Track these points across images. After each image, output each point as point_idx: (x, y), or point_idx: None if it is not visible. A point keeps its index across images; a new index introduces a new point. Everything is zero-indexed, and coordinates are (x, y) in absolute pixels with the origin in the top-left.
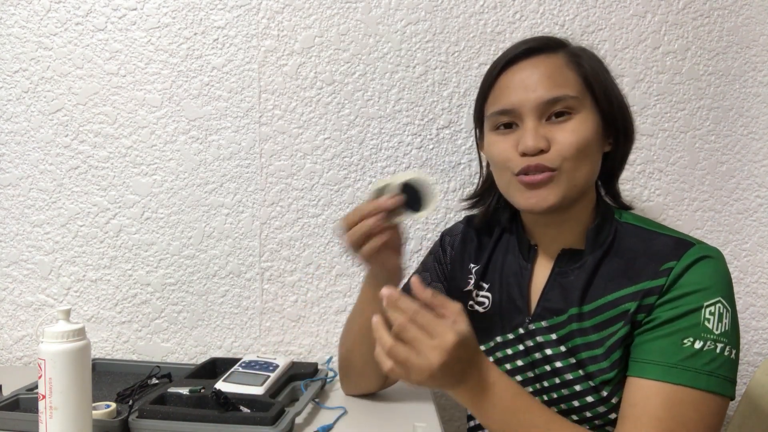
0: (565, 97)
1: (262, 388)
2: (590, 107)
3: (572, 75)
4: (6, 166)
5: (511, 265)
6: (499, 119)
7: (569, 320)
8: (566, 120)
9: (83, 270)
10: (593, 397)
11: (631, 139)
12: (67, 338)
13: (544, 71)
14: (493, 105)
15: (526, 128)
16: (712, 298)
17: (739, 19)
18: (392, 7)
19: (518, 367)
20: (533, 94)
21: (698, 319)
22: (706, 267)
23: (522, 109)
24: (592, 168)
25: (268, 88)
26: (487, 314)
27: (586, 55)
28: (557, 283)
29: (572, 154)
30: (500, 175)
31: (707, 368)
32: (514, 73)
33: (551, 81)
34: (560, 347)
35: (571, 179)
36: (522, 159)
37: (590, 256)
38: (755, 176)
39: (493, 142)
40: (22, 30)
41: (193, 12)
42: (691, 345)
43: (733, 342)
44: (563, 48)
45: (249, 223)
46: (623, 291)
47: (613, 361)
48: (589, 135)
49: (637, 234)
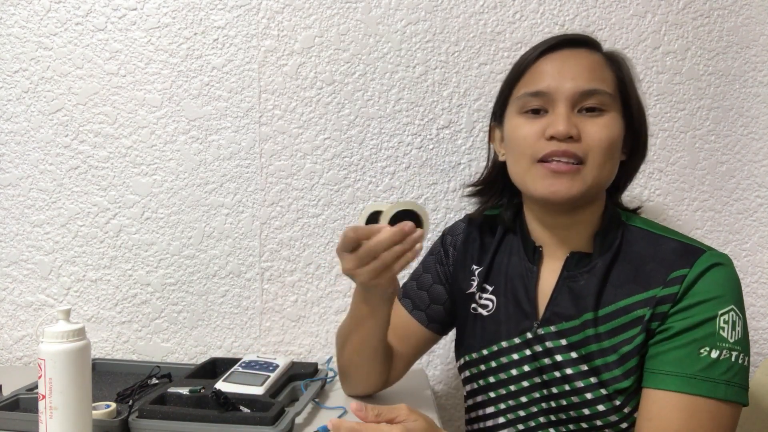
0: (602, 91)
1: (262, 388)
2: (619, 111)
3: (610, 75)
4: (6, 166)
5: (516, 267)
6: (530, 101)
7: (584, 326)
8: (598, 115)
9: (83, 270)
10: (605, 405)
11: (644, 153)
12: (67, 338)
13: (586, 63)
14: (526, 86)
15: (558, 113)
16: (726, 307)
17: (739, 19)
18: (392, 7)
19: (525, 372)
20: (571, 82)
21: (713, 328)
22: (717, 275)
23: (557, 95)
24: (614, 169)
25: (268, 88)
26: (491, 317)
27: (623, 61)
28: (566, 287)
29: (601, 149)
30: (518, 161)
31: (724, 377)
32: (554, 59)
33: (591, 74)
34: (571, 353)
35: (597, 175)
36: (548, 144)
37: (599, 259)
38: (755, 176)
39: (519, 125)
40: (22, 30)
41: (193, 12)
42: (707, 355)
43: (746, 350)
44: (601, 49)
45: (249, 223)
46: (635, 297)
47: (627, 369)
48: (617, 136)
49: (645, 238)
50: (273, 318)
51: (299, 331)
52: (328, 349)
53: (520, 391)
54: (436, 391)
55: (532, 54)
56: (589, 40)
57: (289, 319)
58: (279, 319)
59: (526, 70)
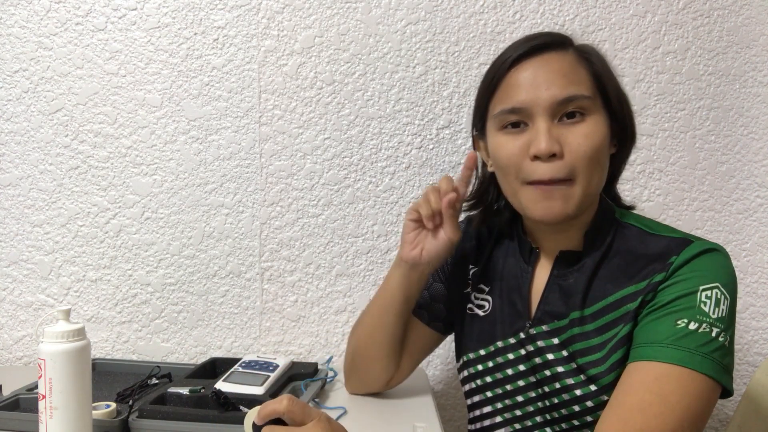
0: (580, 96)
1: (262, 388)
2: (601, 108)
3: (584, 73)
4: (6, 166)
5: (511, 268)
6: (507, 118)
7: (570, 324)
8: (579, 122)
9: (83, 270)
10: (594, 402)
11: (634, 140)
12: (67, 338)
13: (558, 69)
14: (501, 103)
15: (539, 129)
16: (709, 283)
17: (739, 19)
18: (392, 7)
19: (520, 372)
20: (546, 93)
21: (694, 301)
22: (706, 258)
23: (534, 108)
24: (604, 173)
25: (268, 88)
26: (487, 318)
27: (594, 53)
28: (557, 286)
29: (588, 161)
30: (507, 181)
31: (702, 350)
32: (524, 70)
33: (565, 79)
34: (562, 352)
35: (587, 187)
36: (533, 165)
37: (589, 258)
38: (755, 176)
39: (501, 144)
40: (22, 30)
41: (193, 12)
42: (684, 326)
43: (729, 330)
44: (571, 45)
45: (249, 223)
46: (624, 291)
47: (611, 363)
48: (602, 140)
49: (638, 236)
50: (273, 318)
51: (299, 331)
52: (328, 349)
53: (516, 391)
54: (436, 391)
55: (503, 66)
56: (556, 40)
57: (289, 319)
58: (279, 319)
59: (499, 84)
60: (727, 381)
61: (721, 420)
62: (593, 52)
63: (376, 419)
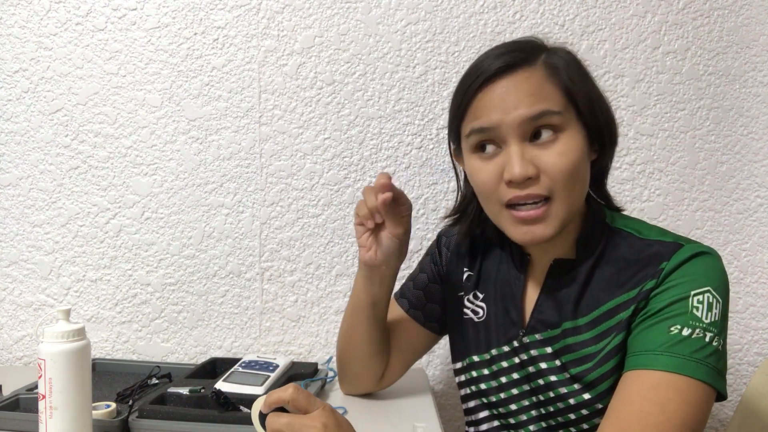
0: (548, 111)
1: (262, 388)
2: (575, 120)
3: (553, 89)
4: (6, 166)
5: (504, 275)
6: (479, 138)
7: (563, 334)
8: (553, 140)
9: (83, 270)
10: (589, 410)
11: (616, 141)
12: (67, 338)
13: (525, 89)
14: (472, 123)
15: (511, 153)
16: (700, 287)
17: (739, 19)
18: (392, 7)
19: (514, 380)
20: (515, 113)
21: (686, 307)
22: (697, 262)
23: (504, 129)
24: (584, 186)
25: (268, 88)
26: (482, 324)
27: (564, 63)
28: (550, 294)
29: (565, 179)
30: (487, 204)
31: (696, 356)
32: (492, 91)
33: (534, 97)
34: (555, 361)
35: (566, 205)
36: (509, 189)
37: (582, 266)
38: (755, 176)
39: (476, 169)
40: (22, 30)
41: (193, 12)
42: (678, 332)
43: (722, 334)
44: (540, 57)
45: (249, 223)
46: (617, 300)
47: (605, 372)
48: (578, 155)
49: (629, 241)
50: (273, 318)
51: (299, 331)
52: (328, 349)
53: (511, 399)
54: (436, 391)
55: (470, 88)
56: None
57: (289, 319)
58: (279, 319)
59: (469, 105)
60: (722, 386)
61: (721, 420)
62: (562, 61)
63: (376, 419)
